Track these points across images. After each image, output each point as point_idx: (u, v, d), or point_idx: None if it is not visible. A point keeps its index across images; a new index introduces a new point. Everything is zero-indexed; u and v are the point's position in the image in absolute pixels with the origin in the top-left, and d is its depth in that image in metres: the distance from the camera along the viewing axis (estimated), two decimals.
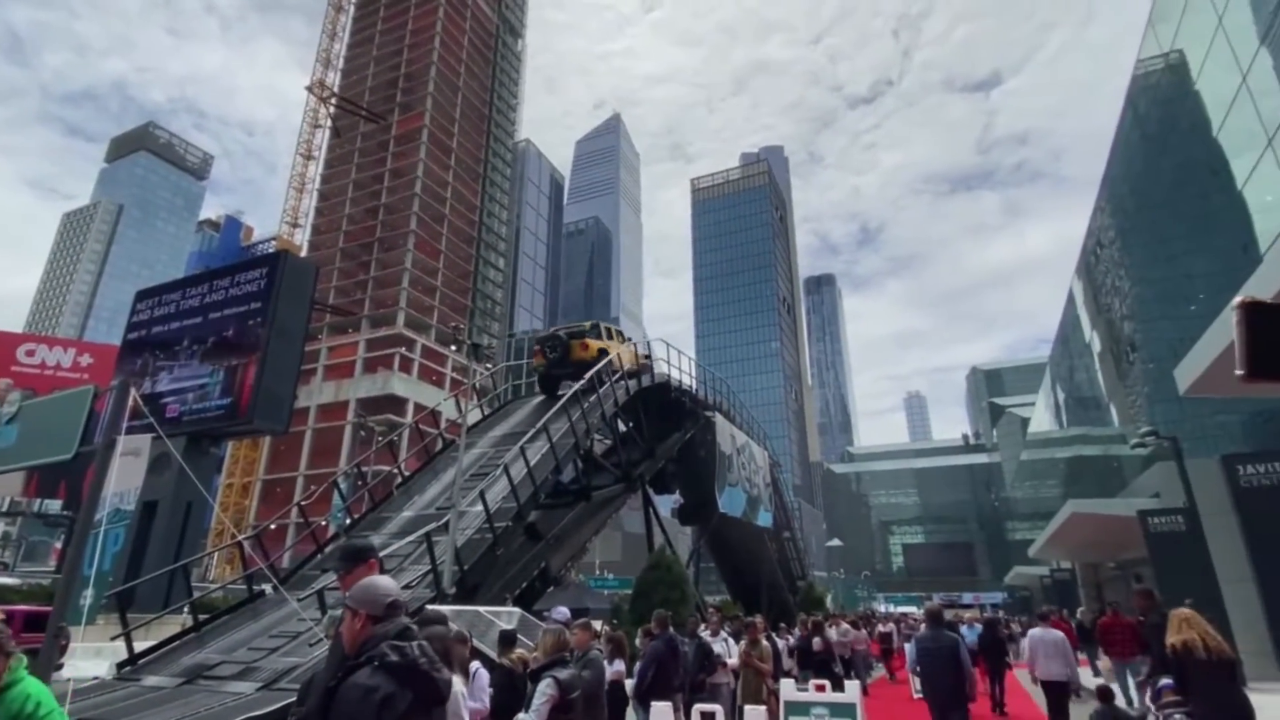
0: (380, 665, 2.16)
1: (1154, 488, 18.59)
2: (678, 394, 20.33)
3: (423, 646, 2.31)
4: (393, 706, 2.11)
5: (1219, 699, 5.22)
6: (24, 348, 42.14)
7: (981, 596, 67.13)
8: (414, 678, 2.21)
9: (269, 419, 22.71)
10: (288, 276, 23.84)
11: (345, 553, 3.48)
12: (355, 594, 2.40)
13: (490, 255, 78.25)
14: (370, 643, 2.24)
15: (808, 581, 29.53)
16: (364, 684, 2.12)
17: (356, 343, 63.70)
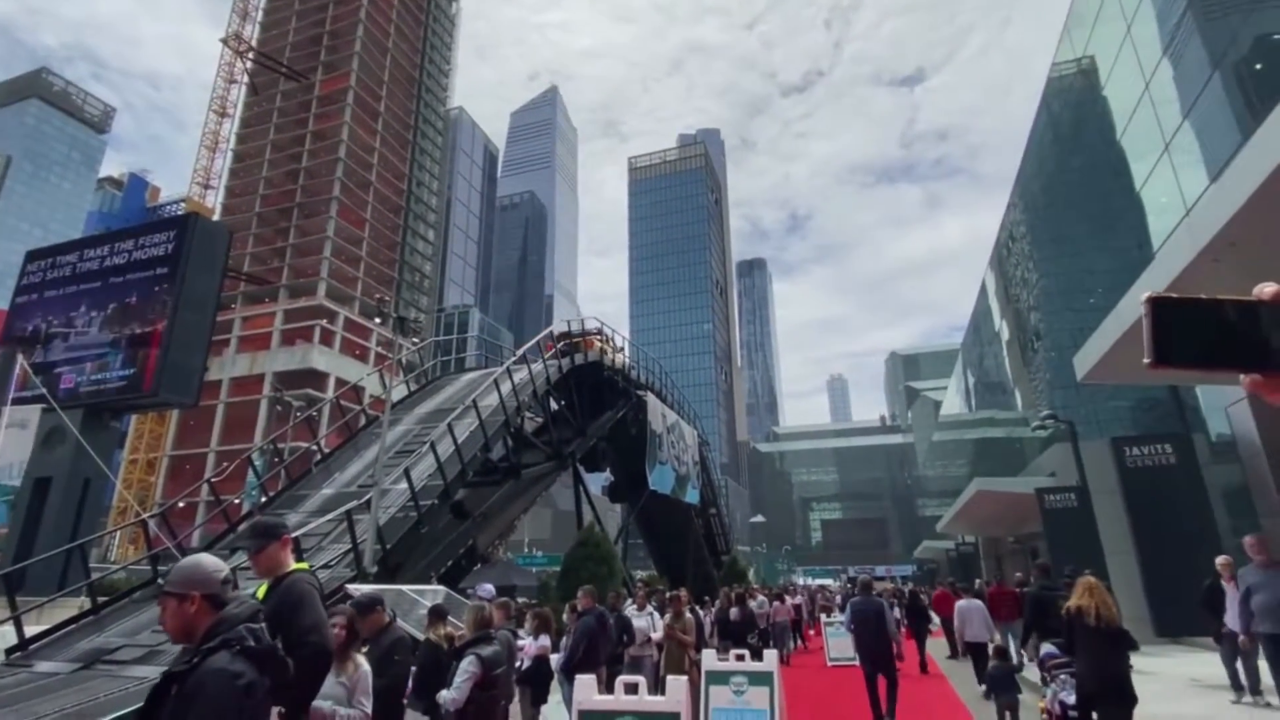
0: (241, 650, 2.07)
1: (1051, 467, 19.98)
2: (610, 373, 20.41)
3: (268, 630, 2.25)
4: (254, 693, 2.05)
5: (1101, 665, 5.69)
6: None
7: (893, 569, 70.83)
8: (271, 663, 2.15)
9: (176, 392, 21.47)
10: (198, 241, 22.46)
11: (256, 530, 3.38)
12: (179, 577, 2.21)
13: (419, 226, 75.81)
14: (223, 625, 2.13)
15: (731, 556, 30.38)
16: (228, 669, 2.01)
17: (274, 313, 60.77)
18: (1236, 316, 0.64)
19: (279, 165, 67.02)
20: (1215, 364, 0.65)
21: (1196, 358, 0.65)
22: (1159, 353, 0.66)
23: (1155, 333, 0.66)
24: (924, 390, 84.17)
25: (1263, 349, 0.62)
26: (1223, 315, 0.64)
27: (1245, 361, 0.63)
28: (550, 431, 16.87)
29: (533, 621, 7.85)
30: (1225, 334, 0.63)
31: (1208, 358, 0.64)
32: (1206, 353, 0.64)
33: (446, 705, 4.45)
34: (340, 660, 3.71)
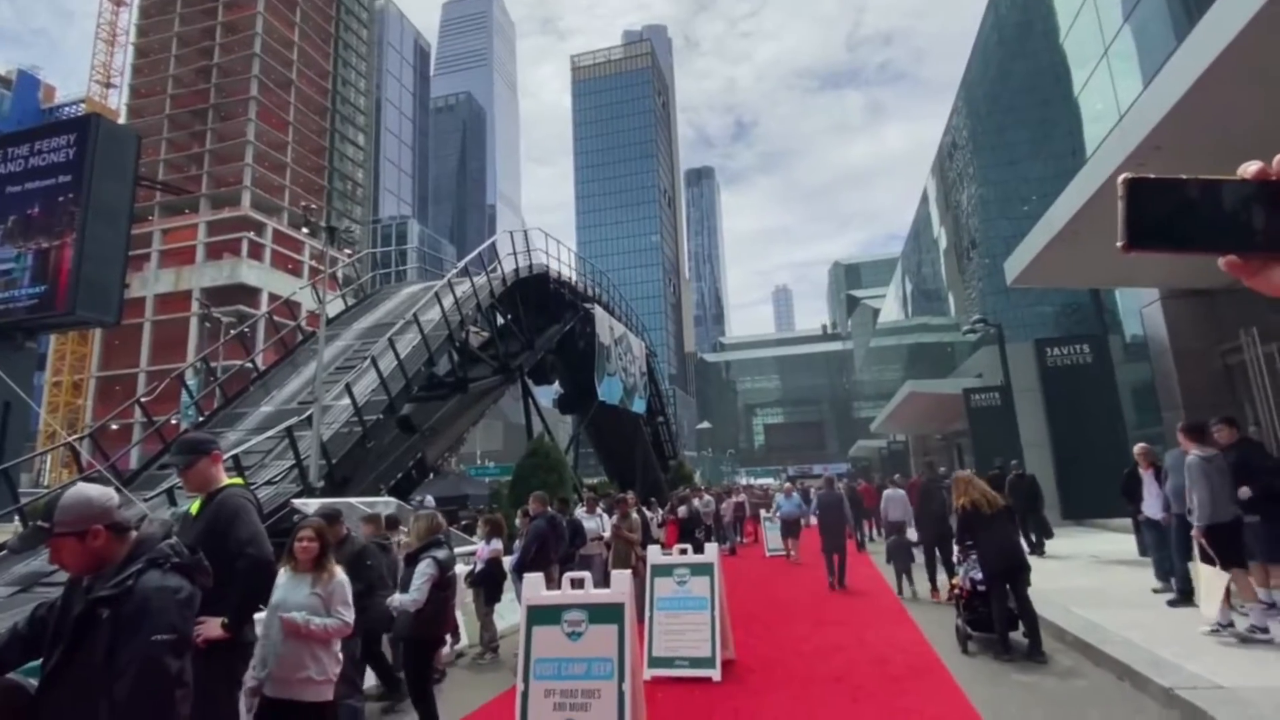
0: (172, 566, 2.11)
1: (978, 369, 21.04)
2: (556, 285, 20.16)
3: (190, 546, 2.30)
4: (192, 603, 2.14)
5: (1002, 543, 6.39)
6: None
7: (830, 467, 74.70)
8: (201, 574, 2.23)
9: (94, 310, 20.28)
10: (103, 145, 20.64)
11: (183, 445, 3.31)
12: (72, 516, 2.13)
13: (347, 129, 71.20)
14: (144, 546, 2.14)
15: (678, 461, 31.46)
16: (167, 585, 2.05)
17: (196, 225, 57.16)
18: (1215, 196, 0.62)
19: (188, 61, 61.24)
20: (1192, 245, 0.63)
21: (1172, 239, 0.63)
22: (1132, 235, 0.64)
23: (1129, 214, 0.63)
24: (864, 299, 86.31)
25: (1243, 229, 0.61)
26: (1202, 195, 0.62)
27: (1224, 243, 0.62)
28: (497, 345, 16.73)
29: (484, 527, 8.06)
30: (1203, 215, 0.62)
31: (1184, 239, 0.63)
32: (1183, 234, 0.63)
33: (406, 607, 4.58)
34: (315, 571, 3.70)
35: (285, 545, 3.88)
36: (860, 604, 9.62)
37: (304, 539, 3.79)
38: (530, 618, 4.35)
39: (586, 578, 4.48)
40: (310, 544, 3.77)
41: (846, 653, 6.86)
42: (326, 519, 4.78)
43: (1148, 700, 4.84)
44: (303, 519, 4.33)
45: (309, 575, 3.71)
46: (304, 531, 3.84)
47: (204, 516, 3.15)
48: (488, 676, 6.81)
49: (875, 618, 8.53)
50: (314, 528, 3.87)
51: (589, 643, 4.21)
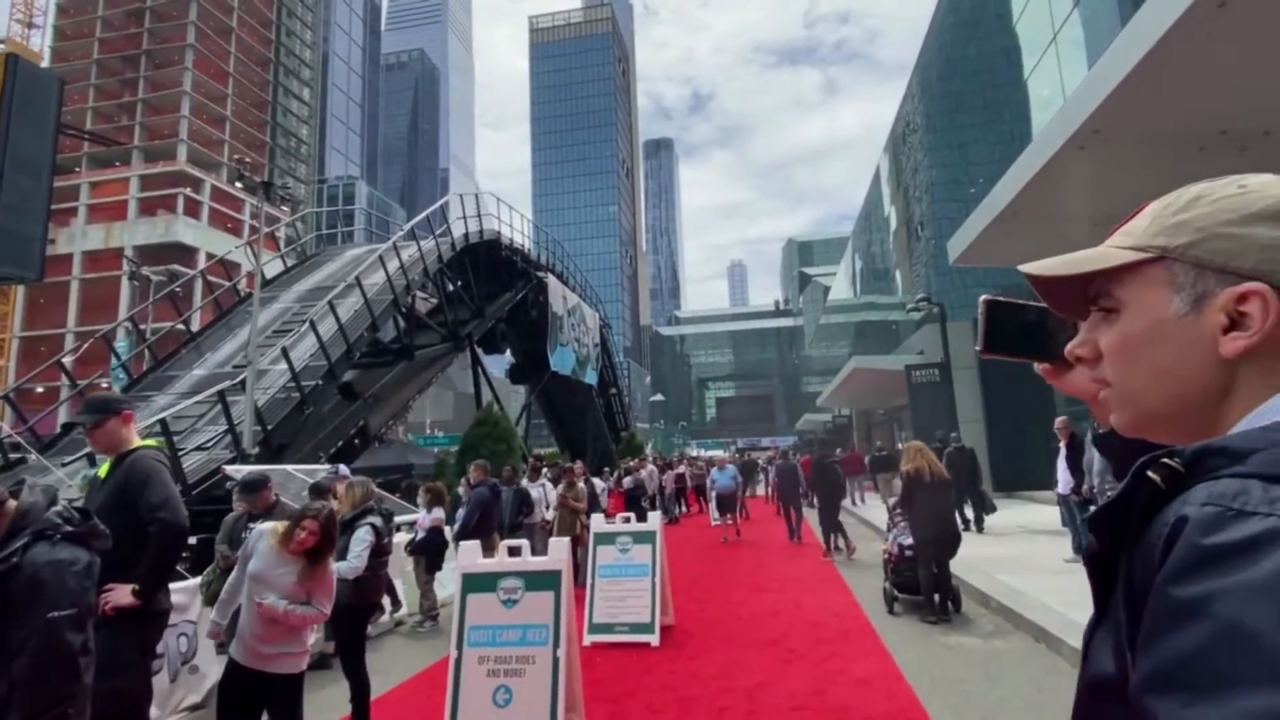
0: (63, 537, 2.05)
1: (920, 346, 21.63)
2: (509, 253, 19.82)
3: (84, 512, 2.22)
4: (91, 573, 2.09)
5: (938, 512, 6.61)
6: None
7: (778, 440, 76.30)
8: (97, 539, 2.17)
9: (13, 265, 19.04)
10: (22, 88, 19.17)
11: (92, 405, 3.13)
12: None
13: (291, 83, 67.96)
14: (28, 518, 2.07)
15: (630, 432, 31.64)
16: (60, 558, 2.00)
17: (128, 179, 54.01)
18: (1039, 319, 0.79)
19: (118, 3, 57.28)
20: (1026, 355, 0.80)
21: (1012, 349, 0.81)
22: (988, 345, 0.81)
23: (987, 328, 0.80)
24: (816, 276, 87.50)
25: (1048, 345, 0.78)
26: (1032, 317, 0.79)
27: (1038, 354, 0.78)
28: (445, 312, 16.40)
29: (425, 495, 7.96)
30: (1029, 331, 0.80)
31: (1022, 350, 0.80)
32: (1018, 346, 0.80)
33: (344, 575, 4.45)
34: (308, 562, 3.37)
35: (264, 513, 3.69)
36: (797, 570, 9.89)
37: (308, 529, 3.37)
38: (465, 585, 4.31)
39: (524, 545, 4.46)
40: (310, 537, 3.37)
41: (782, 617, 7.05)
42: (250, 486, 4.63)
43: (1061, 661, 5.12)
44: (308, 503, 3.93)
45: (299, 563, 3.38)
46: (309, 522, 3.39)
47: (113, 479, 2.99)
48: (426, 644, 6.77)
49: (812, 584, 8.78)
50: (321, 521, 3.43)
51: (525, 610, 4.20)
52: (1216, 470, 0.48)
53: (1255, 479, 0.46)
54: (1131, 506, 0.53)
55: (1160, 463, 0.51)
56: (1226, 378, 0.56)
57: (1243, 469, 0.47)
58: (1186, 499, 0.48)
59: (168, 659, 5.04)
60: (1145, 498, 0.51)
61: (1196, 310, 0.57)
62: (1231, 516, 0.44)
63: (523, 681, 4.01)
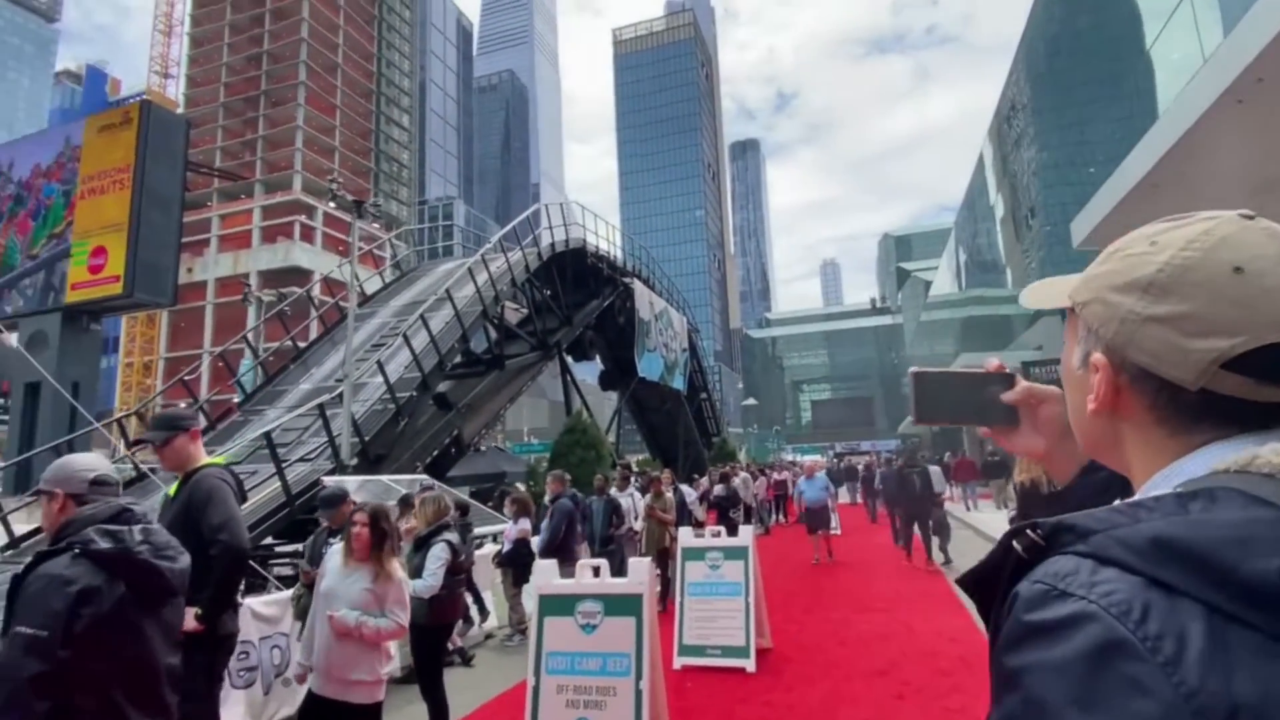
0: (82, 553, 1.84)
1: (1037, 341, 19.95)
2: (595, 260, 19.85)
3: (148, 531, 1.97)
4: (94, 601, 1.79)
5: None
6: None
7: (878, 444, 73.06)
8: (131, 568, 1.88)
9: (151, 292, 20.89)
10: (154, 132, 21.08)
11: (160, 421, 3.10)
12: (49, 473, 2.07)
13: (392, 112, 71.84)
14: (72, 526, 1.92)
15: (722, 437, 31.06)
16: (56, 574, 1.79)
17: (251, 210, 58.70)
18: (970, 385, 0.82)
19: (240, 49, 62.52)
20: (961, 420, 0.85)
21: (947, 416, 0.84)
22: (919, 414, 0.83)
23: (917, 398, 0.82)
24: (915, 271, 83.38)
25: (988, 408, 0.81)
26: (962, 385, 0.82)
27: (979, 418, 0.81)
28: (534, 321, 16.56)
29: (511, 506, 7.87)
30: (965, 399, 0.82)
31: (954, 416, 0.84)
32: (953, 412, 0.84)
33: (420, 594, 4.34)
34: (371, 564, 3.29)
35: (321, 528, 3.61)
36: (907, 587, 9.14)
37: (357, 524, 3.36)
38: (542, 608, 4.07)
39: (603, 565, 4.17)
40: (362, 530, 3.33)
41: (892, 642, 6.44)
42: (329, 501, 4.59)
43: None
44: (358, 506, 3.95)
45: (365, 567, 3.30)
46: (357, 516, 3.41)
47: (179, 499, 2.94)
48: (512, 659, 6.62)
49: (924, 603, 8.05)
50: (368, 513, 3.41)
51: (604, 636, 3.92)
52: (1065, 545, 0.50)
53: (1090, 559, 0.48)
54: (999, 572, 0.55)
55: (1024, 533, 0.54)
56: (1111, 431, 0.60)
57: (1083, 548, 0.49)
58: (1032, 573, 0.51)
59: (261, 671, 5.11)
60: (1011, 565, 0.54)
61: (1084, 366, 0.61)
62: (1054, 596, 0.47)
63: (603, 715, 3.72)
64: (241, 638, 5.05)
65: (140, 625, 1.90)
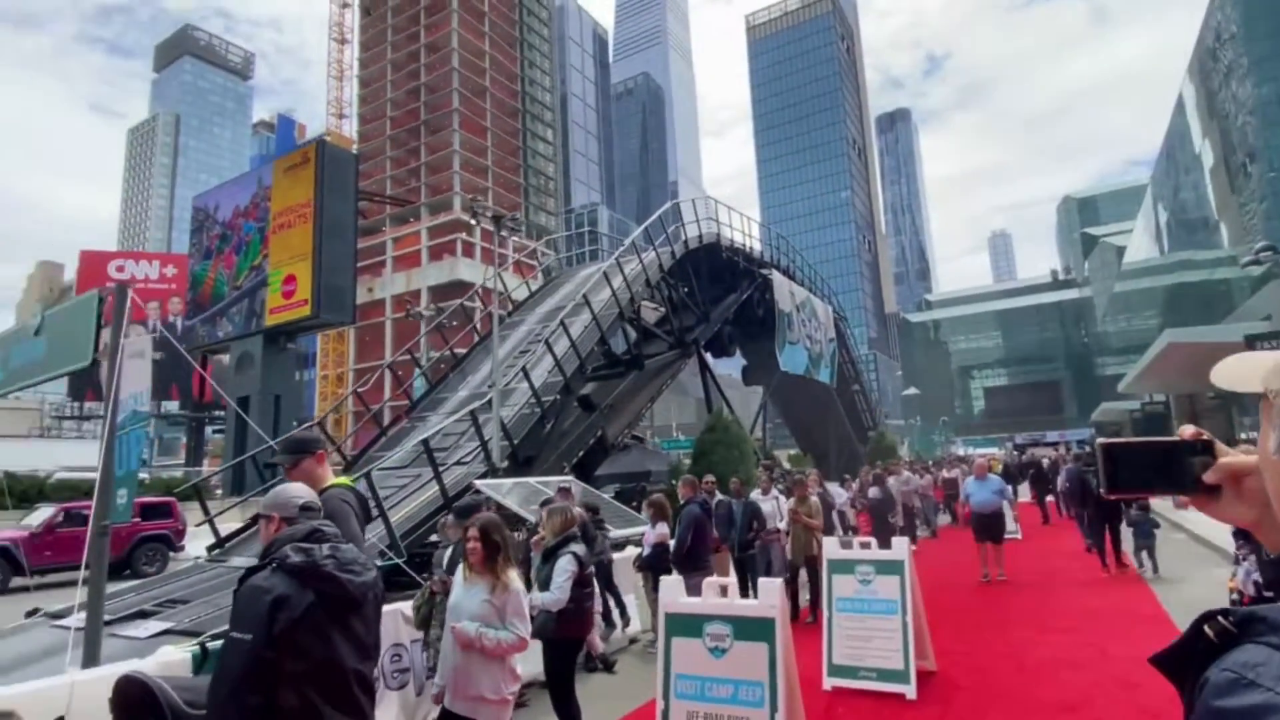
0: (279, 566, 2.10)
1: (1265, 310, 16.80)
2: (730, 254, 19.43)
3: (335, 548, 2.19)
4: (287, 608, 2.04)
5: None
6: (114, 264, 44.42)
7: (1067, 434, 65.49)
8: (316, 579, 2.10)
9: (334, 312, 23.37)
10: (329, 167, 23.55)
11: (288, 444, 3.24)
12: (267, 499, 2.43)
13: (537, 127, 75.38)
14: (274, 545, 2.20)
15: (879, 431, 29.32)
16: (258, 584, 2.09)
17: (419, 231, 64.16)
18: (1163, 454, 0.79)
19: (401, 85, 68.53)
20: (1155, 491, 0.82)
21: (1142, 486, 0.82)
22: (1111, 485, 0.82)
23: (1107, 471, 0.82)
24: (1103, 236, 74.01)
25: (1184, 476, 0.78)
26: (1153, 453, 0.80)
27: (1175, 487, 0.79)
28: (672, 320, 16.49)
29: (649, 509, 7.76)
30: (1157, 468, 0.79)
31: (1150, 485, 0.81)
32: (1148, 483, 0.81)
33: (548, 606, 4.32)
34: (488, 576, 3.34)
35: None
36: (1100, 602, 7.93)
37: (469, 539, 3.44)
38: (668, 627, 3.87)
39: (731, 584, 3.88)
40: (474, 544, 3.40)
41: (1083, 671, 5.56)
42: (462, 512, 4.67)
43: None
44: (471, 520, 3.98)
45: (483, 579, 3.36)
46: (470, 530, 3.47)
47: None
48: (652, 669, 6.49)
49: (1121, 623, 6.92)
50: (479, 527, 3.46)
51: (735, 662, 3.64)
52: (1257, 635, 0.53)
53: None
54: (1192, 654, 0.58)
55: (1215, 619, 0.57)
56: None
57: (1275, 639, 0.51)
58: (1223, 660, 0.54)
59: (414, 673, 5.36)
60: (1202, 648, 0.57)
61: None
62: (1243, 685, 0.49)
63: None
64: (394, 640, 5.35)
65: (328, 631, 2.11)
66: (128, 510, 5.49)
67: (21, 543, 12.18)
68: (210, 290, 25.38)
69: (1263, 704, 0.45)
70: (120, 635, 6.73)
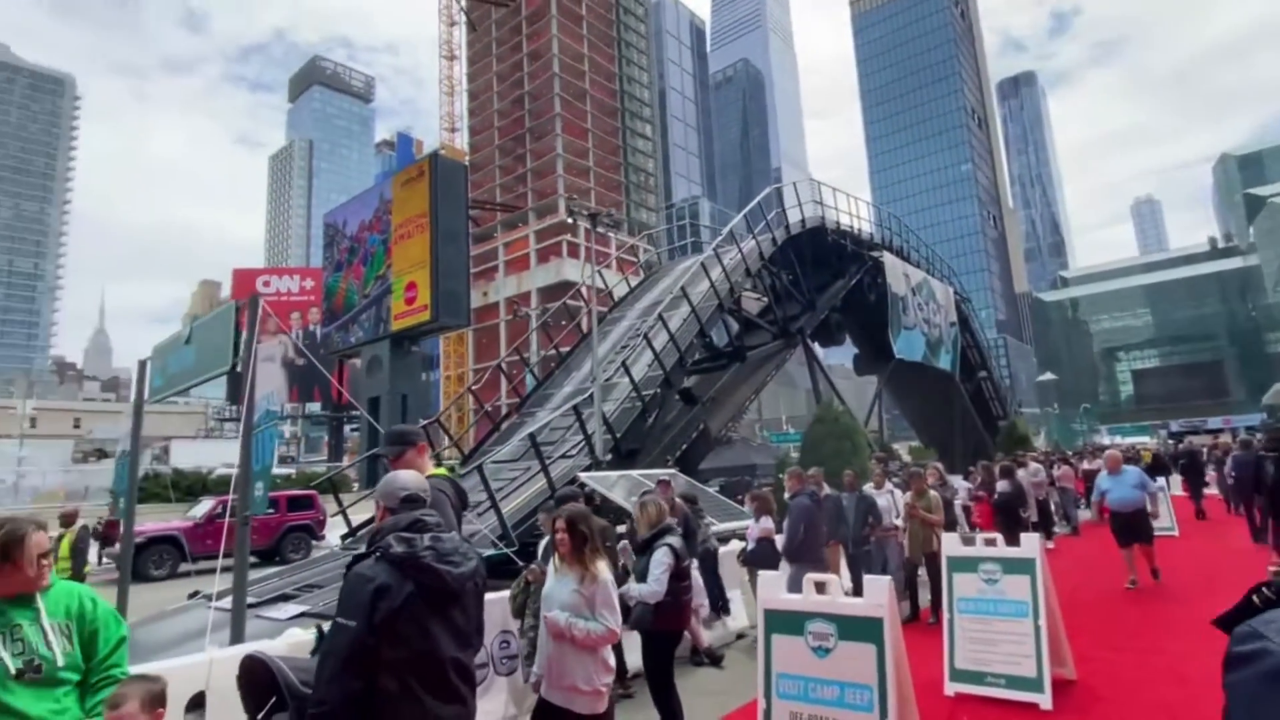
0: (382, 556, 2.15)
1: None
2: (836, 236, 18.67)
3: (436, 539, 2.23)
4: (388, 597, 2.07)
5: None
6: (261, 279, 49.14)
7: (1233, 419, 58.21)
8: (415, 569, 2.14)
9: (451, 315, 24.64)
10: (442, 179, 24.79)
11: (391, 437, 3.36)
12: (377, 489, 2.48)
13: (636, 124, 75.96)
14: (379, 534, 2.26)
15: (1010, 420, 27.28)
16: (362, 573, 2.14)
17: (527, 236, 66.48)
18: None
19: (506, 95, 71.19)
20: None
21: None
22: None
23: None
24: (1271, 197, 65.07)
25: None
26: None
27: None
28: (775, 309, 16.06)
29: (752, 504, 7.57)
30: None
31: None
32: None
33: (644, 599, 4.26)
34: (576, 566, 3.36)
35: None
36: None
37: (557, 530, 3.47)
38: (768, 623, 3.71)
39: (833, 581, 3.66)
40: (562, 535, 3.43)
41: None
42: (562, 501, 4.72)
43: None
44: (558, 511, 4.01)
45: (573, 570, 3.38)
46: (557, 521, 3.50)
47: None
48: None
49: None
50: (565, 518, 3.47)
51: (840, 663, 3.43)
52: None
53: None
54: (1245, 616, 0.77)
55: (1261, 590, 0.77)
56: None
57: None
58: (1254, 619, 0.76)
59: (520, 659, 5.49)
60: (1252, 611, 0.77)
61: None
62: (1252, 636, 0.69)
63: None
64: (502, 627, 5.49)
65: (427, 621, 2.15)
66: (264, 502, 5.96)
67: (186, 532, 13.73)
68: (342, 299, 27.45)
69: (1259, 649, 0.63)
70: (264, 616, 7.37)
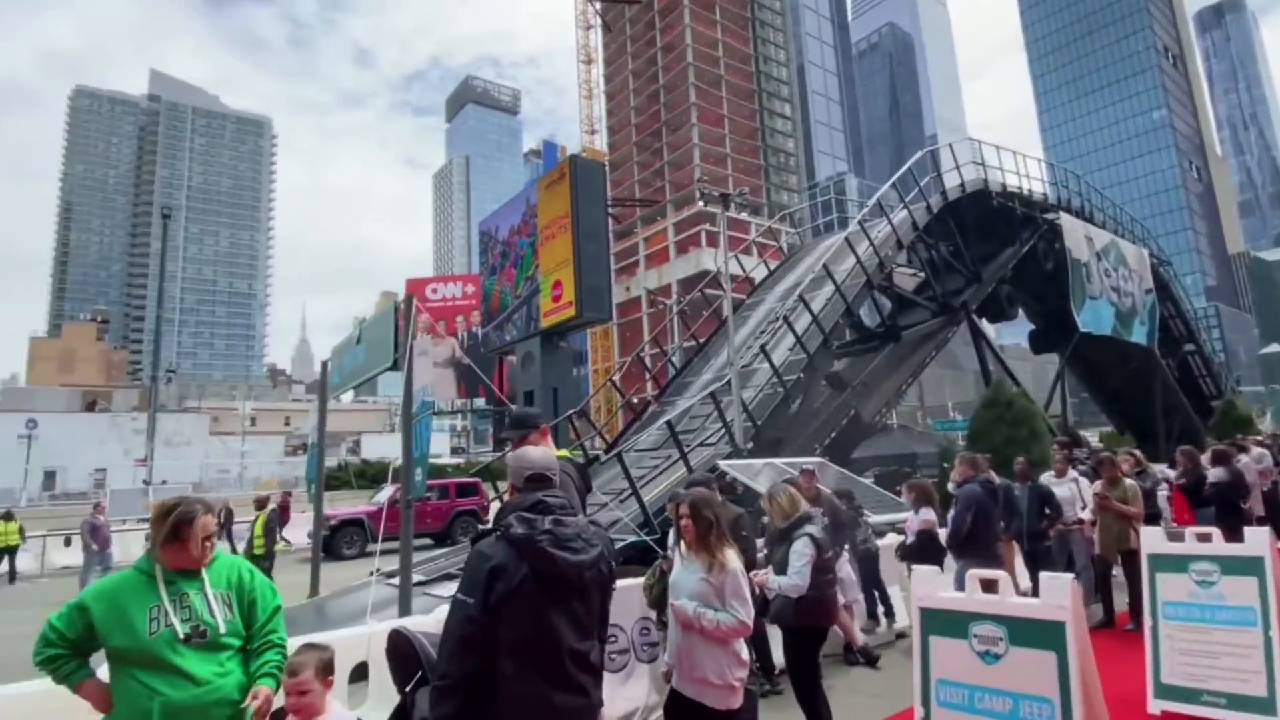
0: (502, 535, 2.14)
1: None
2: (1002, 199, 16.91)
3: (559, 521, 2.17)
4: (505, 578, 2.05)
5: None
6: (430, 287, 53.69)
7: None
8: (531, 552, 2.09)
9: (594, 311, 25.25)
10: (581, 178, 25.50)
11: (515, 420, 3.40)
12: (508, 465, 2.46)
13: (774, 104, 73.89)
14: (502, 513, 2.25)
15: (1227, 400, 23.43)
16: (482, 550, 2.13)
17: (665, 228, 67.05)
18: None
19: (641, 92, 72.11)
20: None
21: None
22: None
23: None
24: None
25: None
26: None
27: None
28: (933, 284, 14.85)
29: (910, 494, 6.99)
30: None
31: None
32: None
33: (786, 592, 4.01)
34: (703, 554, 3.21)
35: None
36: None
37: (680, 516, 3.34)
38: (925, 624, 3.33)
39: (1003, 579, 3.20)
40: (686, 521, 3.29)
41: None
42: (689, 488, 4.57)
43: None
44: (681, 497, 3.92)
45: (699, 558, 3.23)
46: (680, 508, 3.37)
47: None
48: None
49: None
50: (689, 503, 3.33)
51: (1012, 671, 2.99)
52: None
53: None
54: None
55: None
56: None
57: None
58: None
59: (661, 647, 5.43)
60: None
61: None
62: None
63: None
64: (641, 615, 5.46)
65: (542, 606, 2.10)
66: (422, 486, 6.38)
67: (371, 516, 15.25)
68: (498, 301, 29.26)
69: None
70: (431, 594, 7.91)
